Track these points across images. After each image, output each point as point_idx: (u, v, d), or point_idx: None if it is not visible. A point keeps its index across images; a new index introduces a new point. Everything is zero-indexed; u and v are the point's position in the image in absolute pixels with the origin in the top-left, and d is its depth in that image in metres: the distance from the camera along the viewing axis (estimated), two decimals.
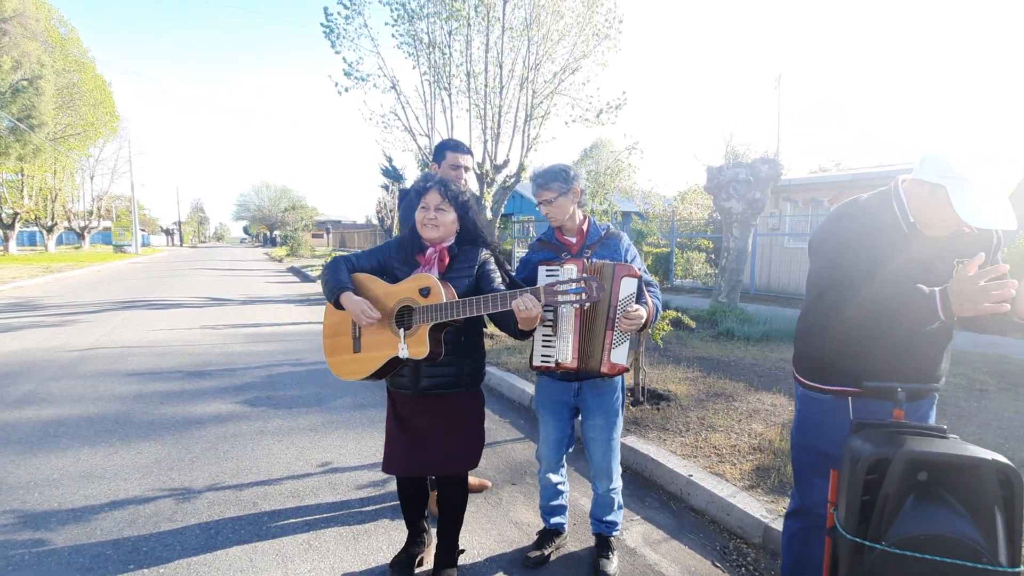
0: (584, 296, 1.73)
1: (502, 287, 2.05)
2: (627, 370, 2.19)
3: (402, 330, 1.93)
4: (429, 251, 2.07)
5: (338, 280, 2.02)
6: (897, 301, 1.48)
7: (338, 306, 2.01)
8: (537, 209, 2.34)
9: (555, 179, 2.23)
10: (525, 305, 1.77)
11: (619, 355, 2.11)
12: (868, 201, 1.69)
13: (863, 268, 1.58)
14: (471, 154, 2.87)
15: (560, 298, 1.75)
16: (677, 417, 3.89)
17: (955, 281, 1.39)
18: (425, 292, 1.92)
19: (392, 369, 2.02)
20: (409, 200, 2.41)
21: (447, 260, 2.07)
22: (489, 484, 3.10)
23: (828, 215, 1.81)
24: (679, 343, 6.48)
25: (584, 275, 1.75)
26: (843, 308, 1.60)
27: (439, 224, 2.05)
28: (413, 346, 1.90)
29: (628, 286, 2.10)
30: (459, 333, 2.05)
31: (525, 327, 1.87)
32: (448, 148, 2.82)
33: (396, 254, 2.12)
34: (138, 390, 4.86)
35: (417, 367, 2.03)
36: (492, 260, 2.14)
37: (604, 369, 2.10)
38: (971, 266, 1.36)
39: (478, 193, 9.96)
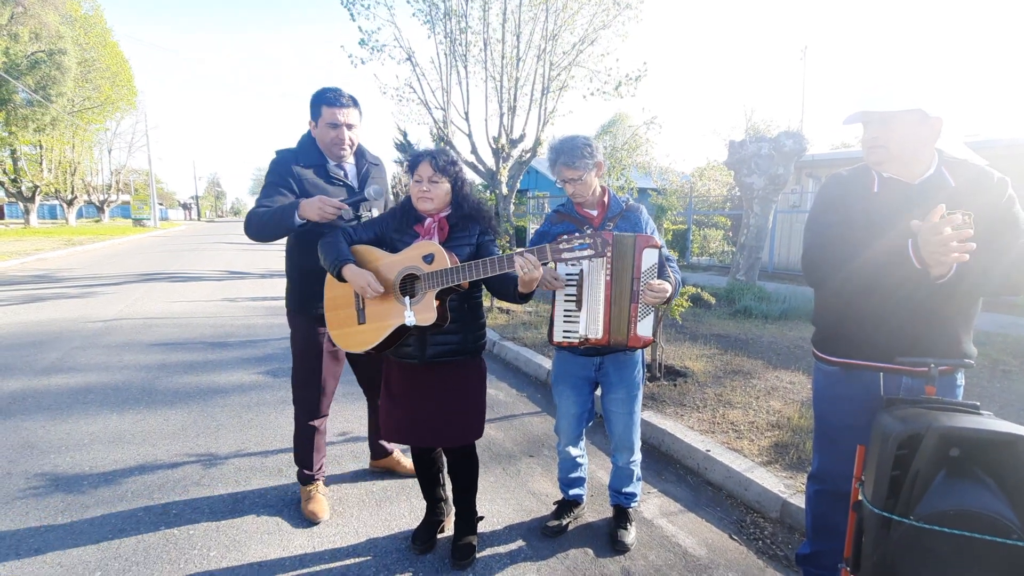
0: (590, 251, 1.69)
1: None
2: (653, 342, 2.17)
3: (407, 298, 1.93)
4: (428, 221, 2.06)
5: (339, 252, 2.01)
6: (874, 253, 1.56)
7: (340, 279, 2.01)
8: (558, 186, 2.28)
9: (580, 156, 2.14)
10: (526, 265, 1.76)
11: (644, 327, 2.09)
12: (846, 172, 1.78)
13: (836, 230, 1.68)
14: (357, 107, 2.34)
15: (565, 255, 1.72)
16: (694, 393, 3.89)
17: (922, 231, 1.44)
18: (429, 259, 1.92)
19: (399, 338, 2.03)
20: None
21: (447, 229, 2.06)
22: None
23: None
24: (696, 320, 6.44)
25: (588, 231, 1.71)
26: (826, 268, 1.70)
27: (433, 196, 2.03)
28: (420, 313, 1.91)
29: (650, 257, 2.07)
30: (462, 300, 2.06)
31: (525, 289, 1.86)
32: (324, 102, 2.26)
33: (393, 224, 2.11)
34: (162, 360, 4.97)
35: (423, 336, 2.04)
36: (491, 232, 2.13)
37: (631, 342, 2.08)
38: (934, 215, 1.39)
39: (494, 168, 9.87)
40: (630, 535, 2.34)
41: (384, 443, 2.88)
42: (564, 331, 2.15)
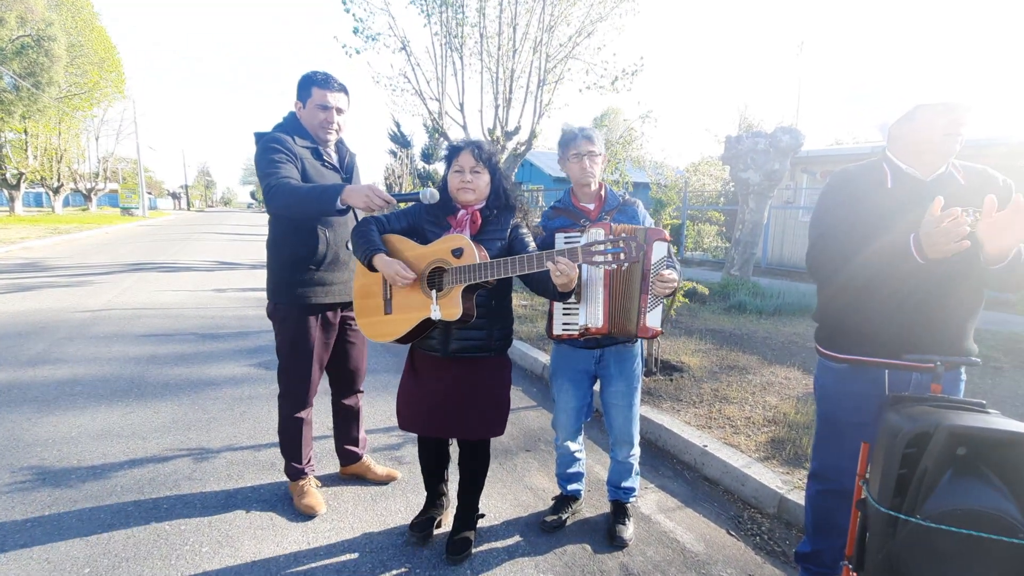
0: (623, 256, 1.66)
1: (535, 251, 2.00)
2: (661, 333, 2.18)
3: (434, 291, 1.90)
4: (461, 213, 2.03)
5: (370, 241, 1.98)
6: (879, 249, 1.57)
7: (371, 268, 1.98)
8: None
9: (597, 138, 2.21)
10: (561, 267, 1.72)
11: (654, 319, 2.09)
12: (855, 168, 1.76)
13: (845, 225, 1.67)
14: (346, 94, 2.38)
15: (597, 259, 1.69)
16: (690, 388, 3.88)
17: (923, 224, 1.45)
18: (458, 253, 1.88)
19: (423, 331, 2.01)
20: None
21: (479, 222, 2.03)
22: (398, 475, 2.78)
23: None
24: (690, 315, 6.44)
25: (622, 235, 1.68)
26: (830, 264, 1.69)
27: (475, 187, 2.00)
28: (445, 307, 1.87)
29: (660, 250, 2.07)
30: (490, 297, 2.02)
31: (564, 289, 1.82)
32: (315, 84, 2.28)
33: (427, 215, 2.08)
34: (152, 351, 4.89)
35: (447, 329, 2.00)
36: (524, 224, 2.09)
37: (640, 333, 2.07)
38: (934, 208, 1.42)
39: None
40: (628, 530, 2.33)
41: (353, 448, 2.73)
42: (564, 323, 2.15)
